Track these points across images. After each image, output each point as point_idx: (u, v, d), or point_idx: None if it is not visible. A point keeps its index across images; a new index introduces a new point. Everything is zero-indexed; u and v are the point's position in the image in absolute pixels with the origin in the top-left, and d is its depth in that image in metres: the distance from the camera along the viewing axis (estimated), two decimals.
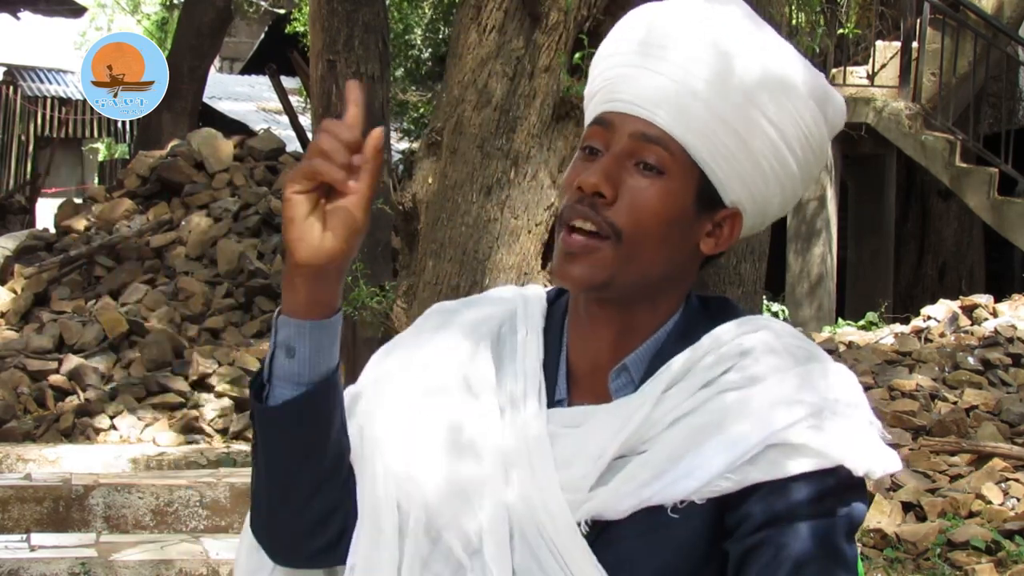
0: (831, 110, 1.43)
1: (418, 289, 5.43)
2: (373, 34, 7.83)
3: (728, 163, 1.38)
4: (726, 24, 1.38)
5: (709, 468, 1.32)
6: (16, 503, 5.72)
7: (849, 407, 1.36)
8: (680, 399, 1.36)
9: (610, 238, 1.35)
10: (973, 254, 12.80)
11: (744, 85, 1.36)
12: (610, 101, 1.39)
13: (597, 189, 1.35)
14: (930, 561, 5.04)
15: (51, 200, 16.79)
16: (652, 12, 1.42)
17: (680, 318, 1.43)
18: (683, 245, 1.39)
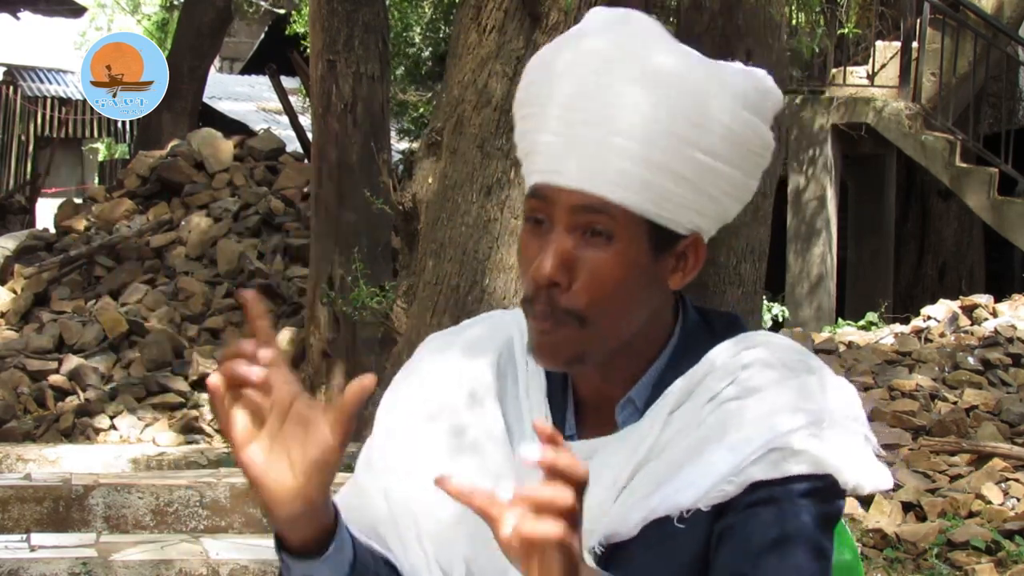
0: (767, 104, 1.40)
1: (418, 289, 5.43)
2: (373, 34, 7.83)
3: (673, 204, 1.36)
4: (636, 64, 1.34)
5: (713, 473, 1.32)
6: (16, 503, 5.71)
7: (847, 420, 1.36)
8: (686, 419, 1.37)
9: (570, 323, 1.34)
10: (973, 254, 12.80)
11: (668, 126, 1.33)
12: (541, 172, 1.37)
13: (552, 280, 1.34)
14: (930, 561, 5.04)
15: (51, 200, 16.79)
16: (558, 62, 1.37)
17: (678, 341, 1.43)
18: (650, 295, 1.39)
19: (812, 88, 10.65)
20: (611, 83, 1.34)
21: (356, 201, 7.61)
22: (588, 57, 1.36)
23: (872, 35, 11.15)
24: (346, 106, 7.78)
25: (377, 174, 7.02)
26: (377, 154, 7.09)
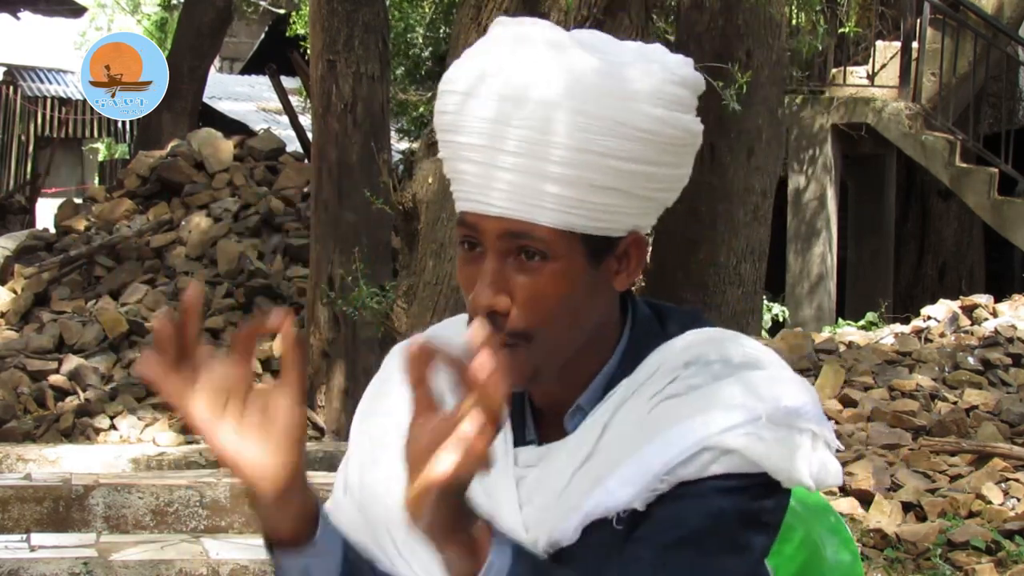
0: (685, 94, 1.38)
1: (418, 289, 5.44)
2: (373, 34, 7.83)
3: (604, 214, 1.35)
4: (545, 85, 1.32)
5: (646, 472, 1.31)
6: (16, 503, 5.71)
7: (791, 416, 1.34)
8: (628, 418, 1.36)
9: (520, 344, 1.34)
10: (973, 254, 12.80)
11: (586, 144, 1.31)
12: (463, 200, 1.36)
13: (491, 309, 1.33)
14: (930, 561, 5.04)
15: (51, 200, 16.79)
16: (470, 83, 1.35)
17: (627, 343, 1.42)
18: (594, 302, 1.38)
19: (812, 88, 10.66)
20: (523, 108, 1.31)
21: (356, 201, 7.61)
22: (496, 81, 1.33)
23: (872, 35, 11.16)
24: (346, 106, 7.78)
25: (377, 174, 7.02)
26: (377, 154, 7.09)
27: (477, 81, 1.35)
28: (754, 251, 7.99)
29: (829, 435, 1.38)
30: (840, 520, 1.71)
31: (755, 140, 7.74)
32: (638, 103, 1.34)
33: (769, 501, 1.34)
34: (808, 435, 1.35)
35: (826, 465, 1.36)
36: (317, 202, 8.07)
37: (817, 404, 1.38)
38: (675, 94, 1.37)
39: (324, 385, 7.86)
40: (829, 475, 1.36)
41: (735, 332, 1.43)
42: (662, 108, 1.35)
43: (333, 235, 7.87)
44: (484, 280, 1.34)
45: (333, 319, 7.77)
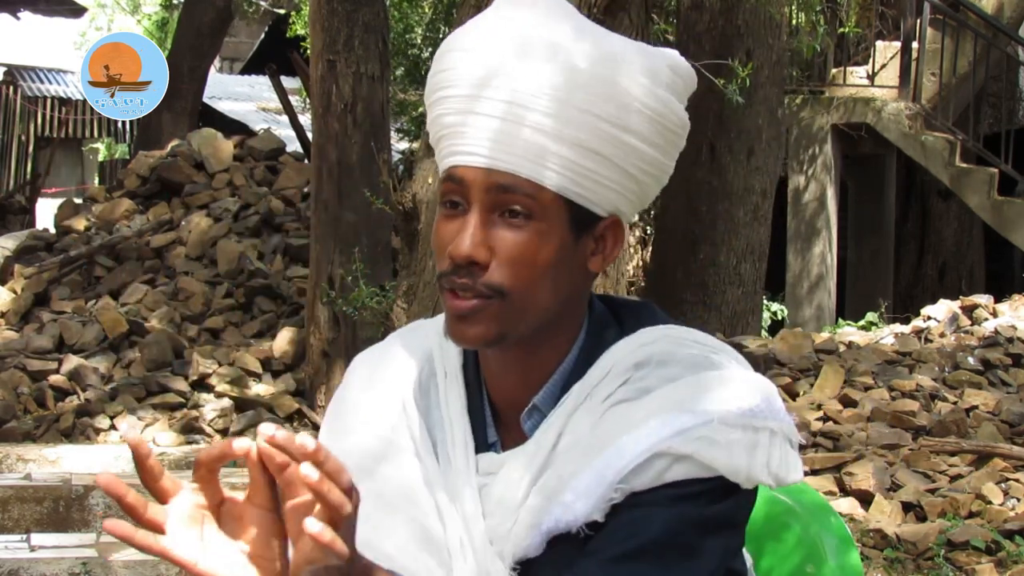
0: (681, 83, 1.40)
1: (418, 289, 5.44)
2: (373, 34, 7.83)
3: (592, 182, 1.35)
4: (545, 43, 1.34)
5: (601, 483, 1.30)
6: (16, 503, 5.71)
7: (745, 416, 1.32)
8: (581, 424, 1.35)
9: (494, 298, 1.33)
10: (973, 254, 12.80)
11: (582, 103, 1.33)
12: (455, 155, 1.36)
13: (471, 258, 1.32)
14: (930, 561, 5.04)
15: (51, 200, 16.78)
16: (468, 42, 1.38)
17: (584, 340, 1.41)
18: (570, 275, 1.37)
19: (812, 88, 10.65)
20: (522, 61, 1.33)
21: (356, 201, 7.61)
22: (497, 37, 1.35)
23: (872, 35, 11.15)
24: (346, 106, 7.78)
25: (377, 174, 7.02)
26: (377, 154, 7.09)
27: (480, 39, 1.36)
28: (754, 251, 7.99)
29: (789, 430, 1.36)
30: (840, 520, 1.71)
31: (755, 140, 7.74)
32: (640, 77, 1.36)
33: (727, 503, 1.33)
34: (766, 433, 1.33)
35: (786, 461, 1.35)
36: (317, 202, 8.07)
37: (773, 400, 1.36)
38: (673, 80, 1.39)
39: (324, 385, 7.86)
40: (790, 471, 1.35)
41: (688, 329, 1.41)
42: (662, 89, 1.37)
43: (333, 235, 7.86)
44: (466, 231, 1.33)
45: (333, 319, 7.76)
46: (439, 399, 1.43)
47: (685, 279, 7.93)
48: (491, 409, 1.43)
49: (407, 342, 1.50)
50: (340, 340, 7.80)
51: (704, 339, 1.40)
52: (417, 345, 1.48)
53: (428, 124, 1.43)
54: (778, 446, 1.34)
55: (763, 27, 7.39)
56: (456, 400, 1.43)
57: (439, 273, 1.37)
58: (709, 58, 6.45)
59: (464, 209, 1.35)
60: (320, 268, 7.91)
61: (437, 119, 1.40)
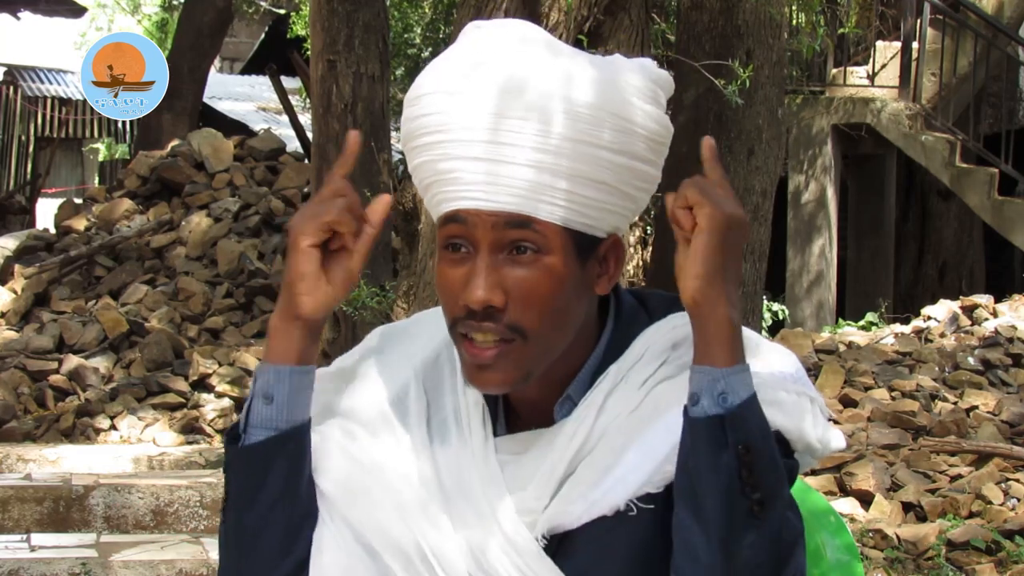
0: (661, 93, 1.41)
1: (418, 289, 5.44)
2: (373, 34, 7.83)
3: (594, 209, 1.35)
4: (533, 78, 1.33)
5: (652, 458, 1.32)
6: (16, 503, 5.71)
7: (786, 381, 1.35)
8: (620, 404, 1.36)
9: (515, 340, 1.33)
10: (973, 254, 12.80)
11: (579, 134, 1.33)
12: (455, 199, 1.35)
13: (488, 304, 1.32)
14: (930, 561, 5.04)
15: (51, 200, 16.79)
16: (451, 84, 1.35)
17: (613, 331, 1.42)
18: (581, 303, 1.38)
19: (812, 88, 10.65)
20: (522, 99, 1.32)
21: None
22: (481, 76, 1.33)
23: (872, 35, 11.15)
24: (346, 106, 7.78)
25: (377, 174, 7.02)
26: (377, 154, 7.09)
27: (465, 79, 1.34)
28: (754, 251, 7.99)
29: (822, 403, 1.39)
30: (840, 520, 1.71)
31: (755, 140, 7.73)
32: (630, 96, 1.36)
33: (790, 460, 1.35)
34: (807, 399, 1.36)
35: (828, 429, 1.37)
36: None
37: (805, 372, 1.39)
38: (656, 92, 1.40)
39: None
40: (832, 440, 1.38)
41: None
42: (650, 104, 1.38)
43: None
44: (479, 275, 1.33)
45: (333, 319, 7.76)
46: (455, 385, 1.44)
47: None
48: (505, 403, 1.44)
49: (430, 325, 1.51)
50: (340, 340, 7.80)
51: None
52: (440, 328, 1.47)
53: (412, 168, 1.41)
54: (819, 414, 1.37)
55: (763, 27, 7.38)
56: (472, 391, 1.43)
57: (452, 320, 1.36)
58: (709, 58, 6.44)
59: (468, 251, 1.35)
60: None
61: (426, 164, 1.38)
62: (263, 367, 1.38)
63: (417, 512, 1.38)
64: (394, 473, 1.40)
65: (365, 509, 1.39)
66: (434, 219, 1.41)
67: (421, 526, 1.37)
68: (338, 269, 1.37)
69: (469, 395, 1.43)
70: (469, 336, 1.34)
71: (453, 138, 1.34)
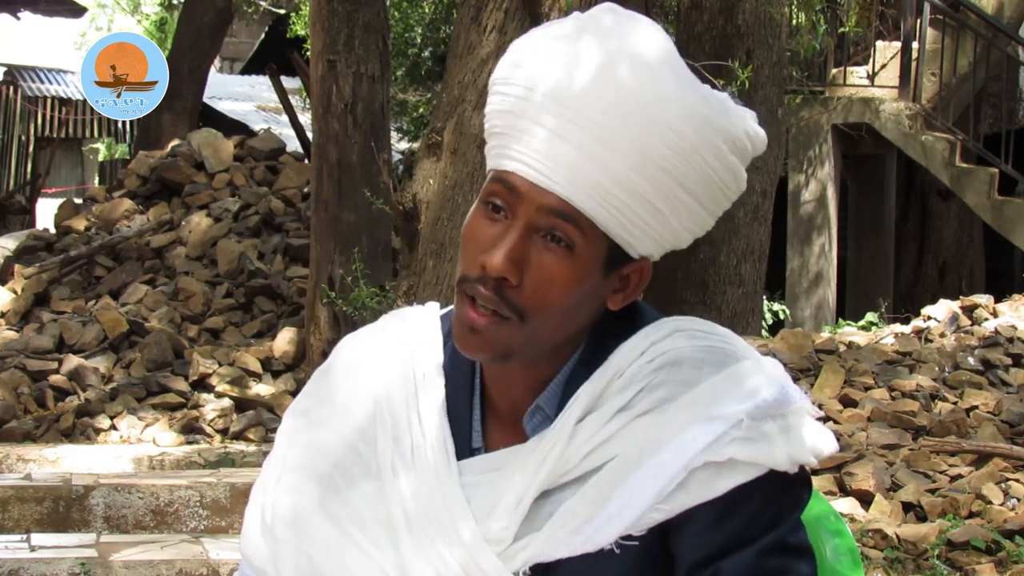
0: (751, 149, 1.38)
1: (418, 289, 5.44)
2: (373, 34, 7.83)
3: (638, 229, 1.34)
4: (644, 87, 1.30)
5: (638, 504, 1.29)
6: (16, 503, 5.71)
7: (773, 407, 1.32)
8: (595, 428, 1.33)
9: (512, 319, 1.31)
10: (973, 254, 12.80)
11: (661, 158, 1.30)
12: (515, 160, 1.32)
13: (503, 275, 1.30)
14: (930, 561, 5.04)
15: (51, 200, 16.79)
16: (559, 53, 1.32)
17: (588, 340, 1.39)
18: (590, 309, 1.36)
19: (812, 88, 10.65)
20: (616, 98, 1.29)
21: (356, 201, 7.61)
22: (593, 62, 1.31)
23: (872, 35, 11.15)
24: (346, 106, 7.78)
25: (377, 174, 7.02)
26: (377, 154, 7.09)
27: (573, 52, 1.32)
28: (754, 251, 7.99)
29: (808, 406, 1.36)
30: (840, 521, 1.71)
31: None
32: (720, 142, 1.34)
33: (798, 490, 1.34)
34: (793, 418, 1.33)
35: (817, 436, 1.34)
36: (317, 202, 8.07)
37: (787, 381, 1.35)
38: (746, 147, 1.37)
39: None
40: (823, 444, 1.34)
41: (692, 320, 1.39)
42: (735, 155, 1.36)
43: (333, 235, 7.86)
44: (505, 246, 1.30)
45: (333, 319, 7.76)
46: (419, 407, 1.41)
47: (685, 279, 7.92)
48: (482, 412, 1.41)
49: (395, 333, 1.48)
50: (340, 340, 7.80)
51: (709, 329, 1.38)
52: (404, 339, 1.45)
53: (488, 110, 1.38)
54: (807, 423, 1.34)
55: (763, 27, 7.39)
56: (431, 402, 1.40)
57: (462, 276, 1.34)
58: (709, 58, 6.45)
59: (507, 216, 1.32)
60: (320, 268, 7.91)
61: (504, 113, 1.34)
62: None
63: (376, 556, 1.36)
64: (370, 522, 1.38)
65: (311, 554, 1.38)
66: (488, 167, 1.38)
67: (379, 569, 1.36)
68: None
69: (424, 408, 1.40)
70: (471, 296, 1.32)
71: (541, 102, 1.31)
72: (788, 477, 1.32)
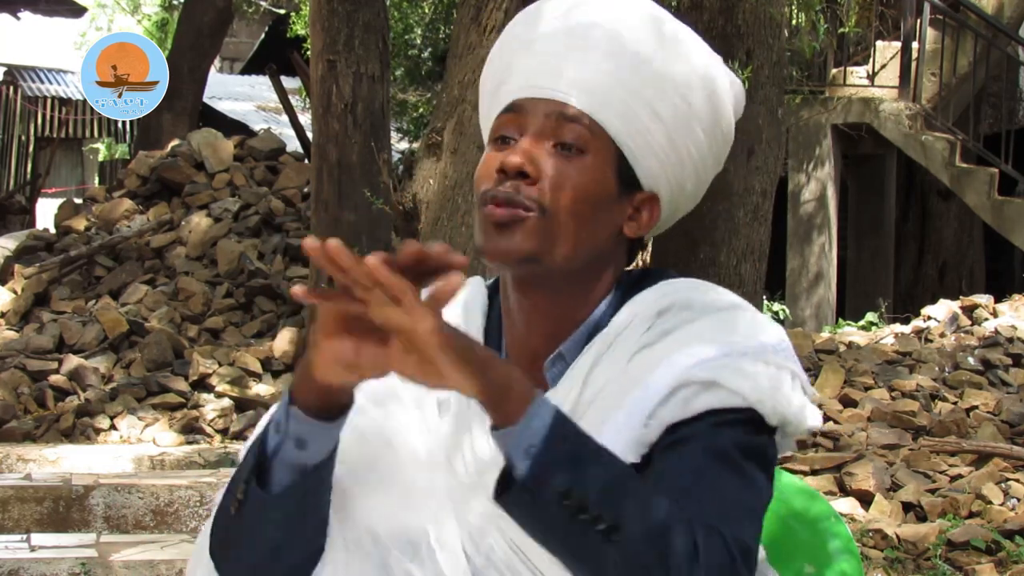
0: (736, 94, 1.46)
1: None
2: (373, 34, 7.83)
3: (645, 142, 1.38)
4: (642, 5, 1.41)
5: (630, 423, 1.30)
6: (16, 503, 5.71)
7: (769, 352, 1.33)
8: (606, 373, 1.35)
9: (534, 211, 1.34)
10: (973, 254, 12.80)
11: (663, 66, 1.37)
12: (523, 88, 1.38)
13: (520, 168, 1.33)
14: (930, 561, 5.04)
15: (51, 200, 16.78)
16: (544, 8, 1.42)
17: (612, 299, 1.42)
18: (607, 225, 1.39)
19: (812, 88, 10.65)
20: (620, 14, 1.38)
21: (356, 201, 7.60)
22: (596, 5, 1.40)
23: (872, 35, 11.15)
24: (346, 106, 7.78)
25: (377, 174, 7.02)
26: (377, 154, 7.09)
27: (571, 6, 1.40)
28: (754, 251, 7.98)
29: (804, 378, 1.36)
30: (840, 521, 1.71)
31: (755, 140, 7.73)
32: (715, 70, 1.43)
33: (762, 437, 1.32)
34: (787, 372, 1.33)
35: (806, 405, 1.34)
36: (317, 202, 8.07)
37: (790, 345, 1.37)
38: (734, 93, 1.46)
39: None
40: (808, 417, 1.34)
41: (709, 282, 1.42)
42: (728, 97, 1.44)
43: (333, 235, 7.77)
44: (517, 147, 1.35)
45: None
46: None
47: None
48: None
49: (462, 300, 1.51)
50: None
51: (722, 290, 1.42)
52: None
53: (484, 77, 1.45)
54: (798, 389, 1.34)
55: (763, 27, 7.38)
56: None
57: (482, 192, 1.36)
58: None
59: (515, 141, 1.37)
60: (320, 268, 7.90)
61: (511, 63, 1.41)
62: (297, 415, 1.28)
63: (423, 495, 1.36)
64: (402, 448, 1.39)
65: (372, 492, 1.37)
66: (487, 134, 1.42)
67: (426, 512, 1.35)
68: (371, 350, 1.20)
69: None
70: (491, 195, 1.35)
71: (538, 36, 1.39)
72: (764, 427, 1.31)
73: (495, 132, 1.39)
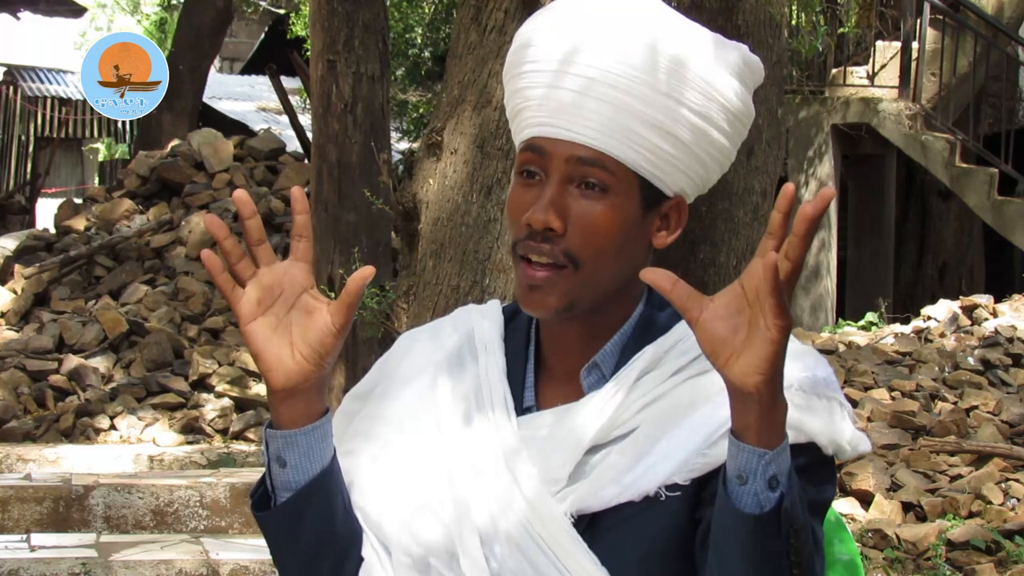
0: (749, 76, 1.47)
1: (418, 289, 5.43)
2: (373, 34, 7.83)
3: (665, 163, 1.41)
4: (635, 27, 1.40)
5: (684, 449, 1.33)
6: (16, 503, 5.71)
7: (821, 386, 1.37)
8: (651, 386, 1.38)
9: (567, 267, 1.38)
10: (973, 254, 12.80)
11: (668, 88, 1.39)
12: (539, 125, 1.41)
13: (547, 225, 1.38)
14: (930, 561, 5.04)
15: (51, 200, 16.79)
16: (560, 19, 1.43)
17: (644, 308, 1.46)
18: (638, 250, 1.43)
19: (812, 88, 10.65)
20: (611, 41, 1.39)
21: (356, 201, 7.60)
22: (586, 16, 1.41)
23: (872, 35, 11.15)
24: (346, 106, 7.78)
25: (377, 174, 7.02)
26: (377, 154, 7.09)
27: (568, 17, 1.42)
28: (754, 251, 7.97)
29: (850, 408, 1.41)
30: (840, 520, 1.71)
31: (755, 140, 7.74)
32: (722, 69, 1.43)
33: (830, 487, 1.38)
34: (836, 403, 1.38)
35: (857, 433, 1.39)
36: (317, 202, 8.07)
37: (834, 376, 1.41)
38: (747, 74, 1.47)
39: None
40: (861, 443, 1.40)
41: None
42: (737, 80, 1.45)
43: (333, 235, 7.86)
44: (544, 200, 1.39)
45: None
46: (476, 366, 1.48)
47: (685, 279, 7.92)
48: (536, 375, 1.47)
49: (450, 322, 1.56)
50: None
51: None
52: (460, 324, 1.53)
53: (507, 97, 1.48)
54: (848, 418, 1.39)
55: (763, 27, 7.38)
56: (496, 368, 1.46)
57: (514, 240, 1.42)
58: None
59: (541, 180, 1.41)
60: (320, 268, 7.90)
61: (519, 92, 1.44)
62: (272, 433, 1.39)
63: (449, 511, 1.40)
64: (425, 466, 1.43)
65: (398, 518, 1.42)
66: (516, 143, 1.48)
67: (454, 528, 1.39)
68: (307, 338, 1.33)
69: (492, 373, 1.46)
70: (527, 256, 1.40)
71: (546, 68, 1.41)
72: (823, 458, 1.36)
73: (520, 165, 1.44)
